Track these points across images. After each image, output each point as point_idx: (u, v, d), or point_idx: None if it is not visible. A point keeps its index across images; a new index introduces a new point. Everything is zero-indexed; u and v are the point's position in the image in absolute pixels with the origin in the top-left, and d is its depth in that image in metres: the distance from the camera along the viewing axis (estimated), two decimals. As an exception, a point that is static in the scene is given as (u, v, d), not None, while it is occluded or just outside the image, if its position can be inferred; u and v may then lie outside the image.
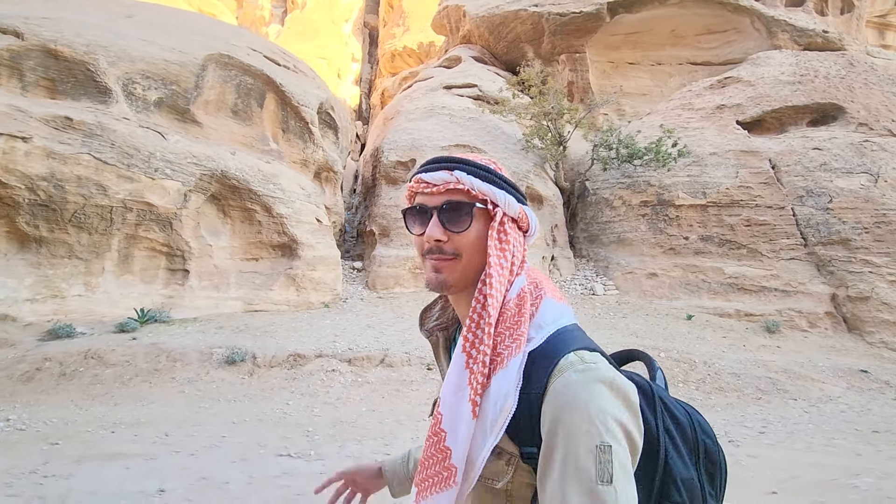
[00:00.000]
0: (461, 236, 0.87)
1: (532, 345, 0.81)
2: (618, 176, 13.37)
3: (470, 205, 0.87)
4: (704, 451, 0.89)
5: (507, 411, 0.77)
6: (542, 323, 0.83)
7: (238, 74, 11.01)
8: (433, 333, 1.02)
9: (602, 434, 0.71)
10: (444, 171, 0.89)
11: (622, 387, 0.75)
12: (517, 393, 0.78)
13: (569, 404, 0.73)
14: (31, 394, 5.73)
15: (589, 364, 0.76)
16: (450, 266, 0.87)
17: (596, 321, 9.97)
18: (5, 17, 8.37)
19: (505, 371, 0.79)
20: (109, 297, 8.59)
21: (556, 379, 0.76)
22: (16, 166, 7.48)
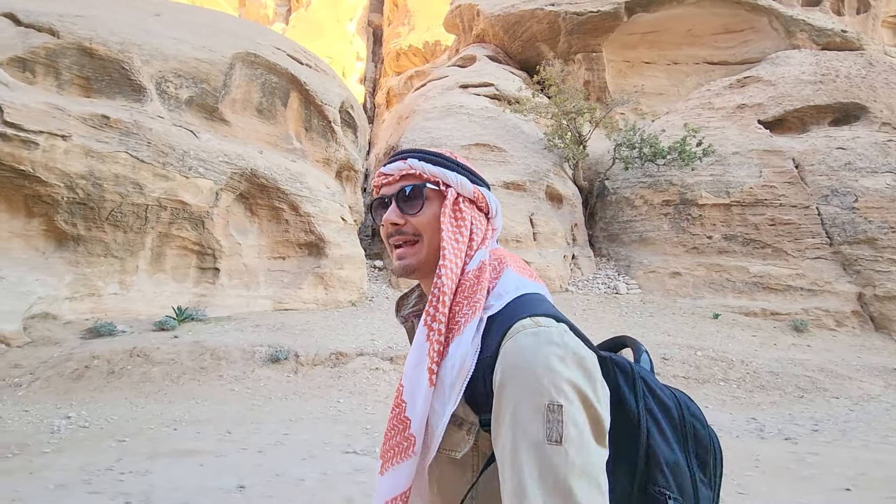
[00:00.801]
0: (417, 218, 0.90)
1: (490, 311, 0.81)
2: (638, 175, 13.40)
3: (421, 186, 0.91)
4: (693, 435, 0.83)
5: (464, 375, 0.76)
6: (502, 292, 0.84)
7: (264, 73, 11.01)
8: (408, 320, 1.02)
9: (551, 393, 0.67)
10: (399, 160, 0.94)
11: (577, 350, 0.72)
12: (475, 357, 0.77)
13: (517, 364, 0.71)
14: (84, 391, 5.74)
15: (542, 327, 0.73)
16: (413, 250, 0.90)
17: (624, 319, 10.00)
18: (41, 15, 8.37)
19: (461, 337, 0.79)
20: (144, 296, 8.61)
21: (508, 342, 0.74)
22: (55, 164, 7.49)
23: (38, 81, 8.04)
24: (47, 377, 5.88)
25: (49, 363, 6.13)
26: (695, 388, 6.73)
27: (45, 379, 5.84)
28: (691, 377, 7.03)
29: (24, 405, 5.29)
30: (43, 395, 5.61)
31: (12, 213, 7.63)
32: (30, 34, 8.14)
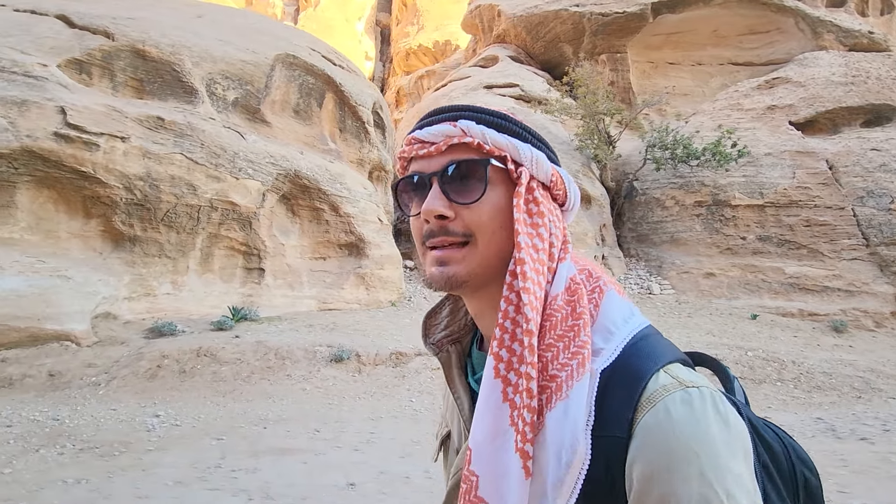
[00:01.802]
0: (473, 209, 0.62)
1: (602, 360, 0.57)
2: (669, 176, 13.46)
3: (483, 162, 0.63)
4: (805, 486, 0.65)
5: (578, 466, 0.53)
6: (610, 327, 0.59)
7: (301, 74, 11.08)
8: (442, 348, 0.75)
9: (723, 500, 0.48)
10: (446, 122, 0.65)
11: (737, 425, 0.53)
12: (588, 436, 0.54)
13: (672, 455, 0.50)
14: (161, 390, 5.83)
15: (691, 391, 0.53)
16: (460, 255, 0.62)
17: (664, 320, 10.07)
18: (94, 17, 8.46)
19: (565, 403, 0.55)
20: (194, 296, 8.69)
21: (646, 414, 0.52)
22: (115, 166, 7.57)
23: (95, 83, 8.13)
24: (123, 376, 5.96)
25: (121, 362, 6.22)
26: (753, 389, 6.80)
27: (121, 378, 5.93)
28: (747, 378, 7.11)
29: (109, 404, 5.38)
30: (122, 393, 5.70)
31: (70, 214, 7.72)
32: (85, 36, 8.22)
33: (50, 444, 4.35)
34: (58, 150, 7.18)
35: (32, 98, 7.16)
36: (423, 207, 0.62)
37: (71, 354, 6.26)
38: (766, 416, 5.79)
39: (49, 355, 6.15)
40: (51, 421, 4.84)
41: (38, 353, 6.15)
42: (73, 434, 4.57)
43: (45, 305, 6.42)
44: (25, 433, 4.54)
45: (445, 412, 0.81)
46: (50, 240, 7.49)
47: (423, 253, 0.65)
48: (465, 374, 0.73)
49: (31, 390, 5.61)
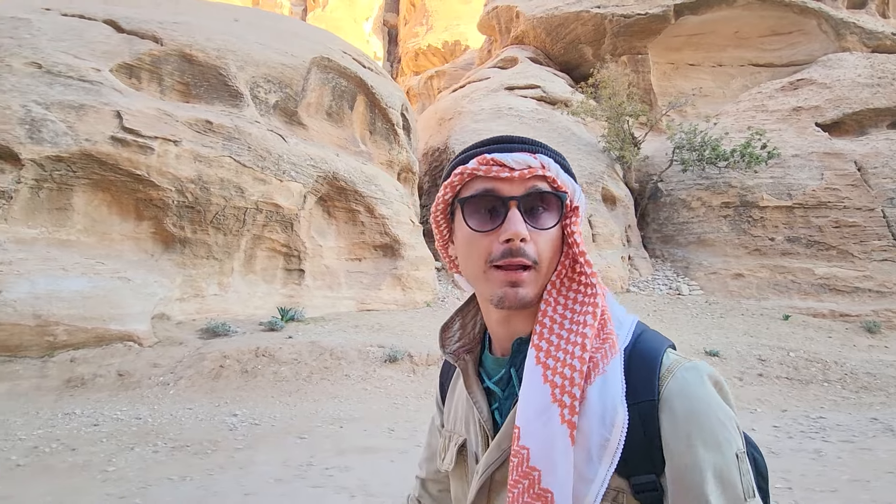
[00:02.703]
0: (543, 236, 0.70)
1: (621, 342, 0.68)
2: (694, 177, 13.55)
3: (559, 197, 0.71)
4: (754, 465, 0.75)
5: (620, 427, 0.62)
6: (619, 317, 0.72)
7: (335, 77, 11.19)
8: (460, 357, 0.84)
9: (736, 440, 0.62)
10: (526, 153, 0.71)
11: (725, 384, 0.67)
12: (625, 403, 0.64)
13: (697, 410, 0.62)
14: (228, 390, 5.95)
15: (690, 363, 0.66)
16: (530, 278, 0.70)
17: (699, 321, 10.17)
18: (142, 22, 8.58)
19: (603, 377, 0.64)
20: (239, 297, 8.81)
21: (670, 381, 0.64)
22: (168, 169, 7.69)
23: (144, 87, 8.25)
24: (189, 376, 6.08)
25: (184, 362, 6.34)
26: (801, 389, 6.90)
27: (187, 378, 6.05)
28: (794, 378, 7.20)
29: (183, 403, 5.50)
30: (191, 393, 5.82)
31: (123, 216, 7.85)
32: (133, 41, 8.34)
33: (141, 442, 4.47)
34: (114, 154, 7.31)
35: (89, 102, 7.29)
36: (511, 229, 0.67)
37: (135, 354, 6.38)
38: (820, 415, 5.90)
39: (115, 355, 6.27)
40: (134, 420, 4.96)
41: (104, 353, 6.27)
42: (160, 433, 4.69)
43: (109, 306, 6.54)
44: (114, 431, 4.67)
45: (454, 424, 0.87)
46: (104, 241, 7.62)
47: (485, 271, 0.70)
48: (480, 378, 0.81)
49: (104, 389, 5.73)
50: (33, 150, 6.81)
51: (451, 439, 0.86)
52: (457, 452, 0.83)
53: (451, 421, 0.89)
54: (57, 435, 4.53)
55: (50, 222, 7.20)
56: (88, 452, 4.22)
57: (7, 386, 5.54)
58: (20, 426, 4.68)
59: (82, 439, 4.46)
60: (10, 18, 8.01)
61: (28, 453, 4.14)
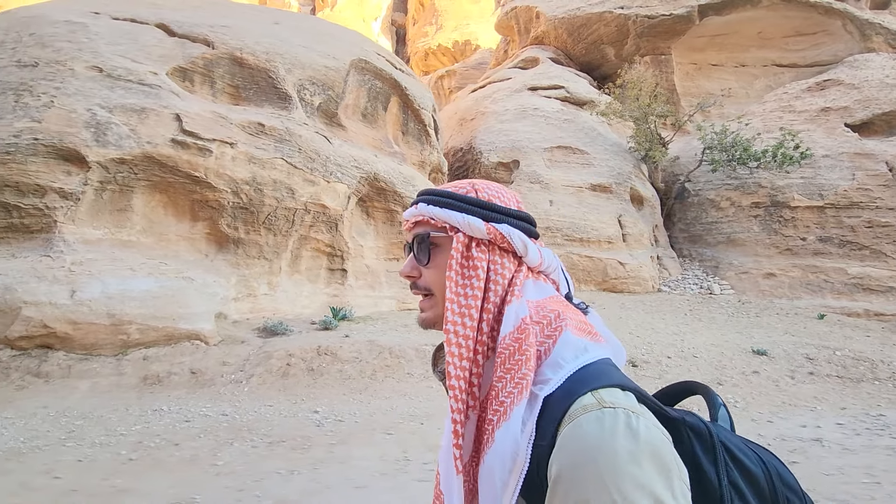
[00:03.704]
0: (428, 270, 0.82)
1: (548, 388, 0.67)
2: (723, 177, 13.63)
3: (425, 234, 0.82)
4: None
5: (518, 472, 0.64)
6: (560, 361, 0.69)
7: (370, 78, 11.32)
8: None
9: (615, 501, 0.56)
10: (414, 205, 0.85)
11: (650, 439, 0.60)
12: (529, 448, 0.64)
13: (576, 460, 0.59)
14: (299, 387, 6.08)
15: (608, 409, 0.61)
16: (429, 303, 0.82)
17: (735, 320, 10.26)
18: (193, 26, 8.71)
19: (508, 424, 0.66)
20: (287, 296, 8.95)
21: (566, 427, 0.62)
22: (225, 171, 7.82)
23: (197, 90, 8.38)
24: (259, 374, 6.21)
25: (252, 361, 6.47)
26: (854, 388, 7.00)
27: (258, 376, 6.18)
28: (844, 376, 7.30)
29: (262, 400, 5.63)
30: (265, 390, 5.95)
31: (178, 217, 7.99)
32: (186, 44, 8.48)
33: (237, 438, 4.60)
34: (174, 156, 7.45)
35: (150, 106, 7.43)
36: (401, 271, 0.85)
37: (202, 353, 6.52)
38: (880, 413, 6.00)
39: (184, 354, 6.41)
40: (221, 416, 5.10)
41: (173, 351, 6.41)
42: (251, 429, 4.82)
43: (177, 306, 6.68)
44: (208, 427, 4.80)
45: None
46: (162, 242, 7.76)
47: None
48: None
49: (180, 387, 5.87)
50: (99, 153, 6.95)
51: None
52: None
53: None
54: (155, 430, 4.66)
55: (112, 223, 7.35)
56: (191, 447, 4.35)
57: (88, 383, 5.68)
58: (116, 422, 4.82)
59: (180, 435, 4.60)
60: (65, 22, 8.15)
61: (135, 448, 4.27)
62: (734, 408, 6.10)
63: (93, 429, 4.64)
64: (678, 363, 7.36)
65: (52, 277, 6.23)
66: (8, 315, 5.96)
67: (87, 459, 4.01)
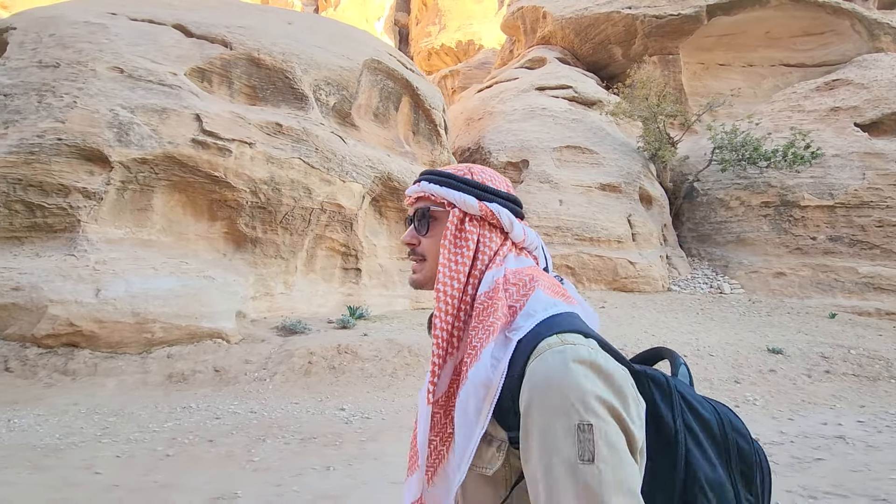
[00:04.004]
0: (426, 239, 0.94)
1: (520, 333, 0.78)
2: (732, 177, 13.67)
3: (425, 209, 0.95)
4: (737, 451, 0.81)
5: (490, 399, 0.76)
6: (531, 311, 0.80)
7: (383, 79, 11.36)
8: None
9: (581, 412, 0.66)
10: (416, 183, 0.98)
11: (605, 366, 0.70)
12: (501, 380, 0.76)
13: (544, 384, 0.69)
14: (321, 385, 6.13)
15: (569, 345, 0.72)
16: (420, 266, 0.95)
17: (747, 319, 10.30)
18: (210, 27, 8.76)
19: (478, 363, 0.77)
20: (303, 295, 9.00)
21: (533, 361, 0.73)
22: (244, 170, 7.88)
23: (215, 90, 8.44)
24: (282, 372, 6.27)
25: (273, 359, 6.53)
26: (871, 386, 7.04)
27: (281, 374, 6.24)
28: (860, 375, 7.34)
29: (287, 398, 5.68)
30: (288, 388, 6.01)
31: (197, 217, 8.04)
32: (204, 45, 8.53)
33: (269, 434, 4.65)
34: (195, 156, 7.50)
35: (171, 106, 7.49)
36: (402, 238, 0.99)
37: (225, 351, 6.57)
38: (899, 411, 6.03)
39: (207, 352, 6.47)
40: (249, 413, 5.15)
41: (196, 349, 6.47)
42: (281, 425, 4.87)
43: (199, 305, 6.74)
44: (239, 424, 4.85)
45: None
46: (181, 242, 7.81)
47: None
48: None
49: (206, 385, 5.93)
50: (121, 153, 7.01)
51: None
52: None
53: None
54: (187, 427, 4.72)
55: (133, 223, 7.41)
56: (225, 444, 4.41)
57: (115, 381, 5.74)
58: (147, 419, 4.88)
59: (213, 431, 4.65)
60: (84, 23, 8.21)
61: (170, 444, 4.33)
62: (754, 405, 6.15)
63: (125, 425, 4.69)
64: (694, 361, 7.41)
65: (77, 276, 6.29)
66: (34, 313, 6.02)
67: (124, 455, 4.07)
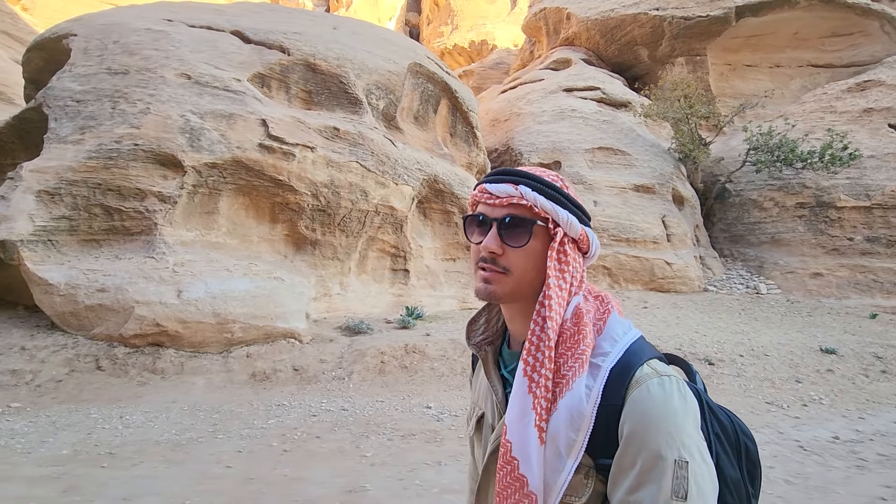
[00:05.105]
0: (516, 252, 0.86)
1: (610, 360, 0.81)
2: (765, 178, 13.76)
3: (531, 221, 0.87)
4: (746, 453, 0.89)
5: (585, 430, 0.77)
6: (615, 336, 0.83)
7: (423, 82, 11.52)
8: (481, 348, 1.00)
9: (679, 450, 0.71)
10: (510, 184, 0.88)
11: (692, 403, 0.78)
12: (594, 411, 0.78)
13: (647, 418, 0.74)
14: (398, 384, 6.30)
15: (664, 377, 0.78)
16: (499, 279, 0.87)
17: (789, 320, 10.40)
18: (268, 33, 8.95)
19: (571, 393, 0.79)
20: (357, 295, 9.18)
21: (633, 391, 0.77)
22: (306, 174, 8.06)
23: (274, 96, 8.62)
24: (358, 371, 6.44)
25: (346, 358, 6.70)
26: (930, 385, 7.15)
27: (357, 373, 6.41)
28: (918, 375, 7.45)
29: (370, 396, 5.85)
30: (367, 386, 6.18)
31: (258, 220, 8.23)
32: (263, 51, 8.71)
33: (368, 431, 4.82)
34: (261, 160, 7.69)
35: (237, 112, 7.67)
36: (484, 243, 0.87)
37: (299, 351, 6.76)
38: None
39: (282, 351, 6.65)
40: (341, 411, 5.33)
41: (272, 349, 6.65)
42: (376, 423, 5.04)
43: (273, 305, 6.92)
44: (336, 421, 5.03)
45: (477, 399, 1.05)
46: (245, 244, 8.01)
47: (475, 270, 0.89)
48: (498, 368, 0.97)
49: (288, 383, 6.11)
50: (194, 158, 7.20)
51: (474, 410, 1.05)
52: (476, 422, 1.02)
53: (475, 395, 1.07)
54: (290, 424, 4.90)
55: (202, 225, 7.60)
56: (332, 440, 4.58)
57: (203, 380, 5.93)
58: (248, 416, 5.06)
59: (315, 428, 4.83)
60: (147, 30, 8.41)
61: (283, 440, 4.50)
62: (821, 404, 6.27)
63: (231, 422, 4.88)
64: (752, 362, 7.53)
65: (159, 278, 6.49)
66: (120, 314, 6.22)
67: (245, 451, 4.25)
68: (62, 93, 7.42)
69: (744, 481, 0.87)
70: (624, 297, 11.60)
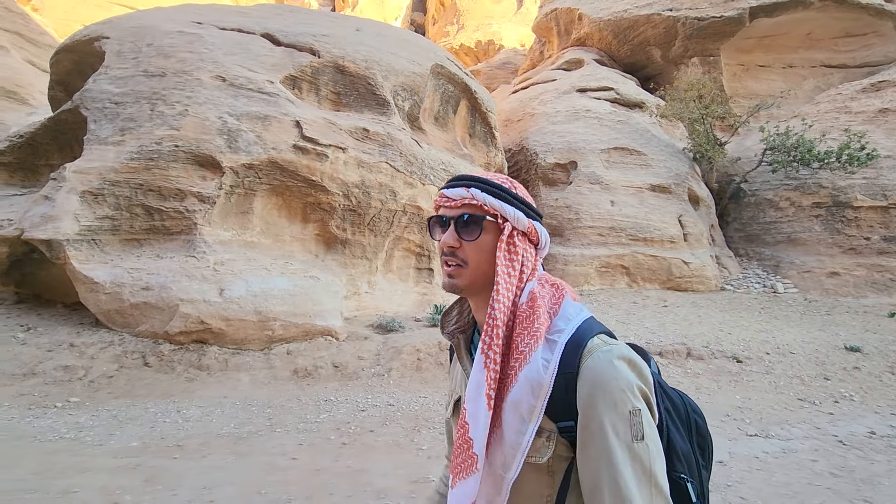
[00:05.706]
0: (471, 245, 0.98)
1: (565, 336, 0.91)
2: (780, 178, 13.85)
3: (482, 217, 0.98)
4: (696, 428, 1.02)
5: (543, 397, 0.88)
6: (569, 316, 0.94)
7: (444, 83, 11.64)
8: (454, 336, 1.12)
9: (632, 401, 0.84)
10: (463, 187, 1.00)
11: (638, 362, 0.89)
12: (552, 380, 0.88)
13: (601, 379, 0.85)
14: (436, 381, 6.42)
15: (611, 345, 0.89)
16: (460, 272, 0.99)
17: (808, 318, 10.50)
18: (298, 36, 9.08)
19: (529, 366, 0.89)
20: (384, 294, 9.31)
21: (587, 359, 0.88)
22: (338, 175, 8.19)
23: (304, 97, 8.75)
24: (396, 368, 6.57)
25: (383, 355, 6.83)
26: (955, 383, 7.25)
27: (396, 370, 6.54)
28: (942, 372, 7.55)
29: (412, 392, 5.98)
30: (407, 382, 6.31)
31: (290, 219, 8.37)
32: (294, 53, 8.84)
33: (418, 425, 4.95)
34: (295, 161, 7.82)
35: (272, 113, 7.81)
36: (443, 240, 1.00)
37: (336, 348, 6.89)
38: None
39: (320, 349, 6.78)
40: (387, 406, 5.45)
41: (311, 346, 6.78)
42: (425, 417, 5.17)
43: (311, 303, 7.06)
44: (384, 416, 5.15)
45: (454, 385, 1.15)
46: (278, 243, 8.14)
47: (442, 265, 1.02)
48: (470, 353, 1.09)
49: (330, 380, 6.24)
50: (231, 159, 7.33)
51: (451, 395, 1.16)
52: (453, 405, 1.13)
53: (453, 383, 1.17)
54: (341, 419, 5.03)
55: (237, 225, 7.74)
56: (386, 433, 4.71)
57: (248, 376, 6.06)
58: (299, 411, 5.19)
59: (367, 422, 4.96)
60: (179, 33, 8.55)
61: (339, 434, 4.63)
62: (852, 401, 6.39)
63: (285, 417, 5.01)
64: (779, 359, 7.64)
65: (201, 276, 6.63)
66: (165, 312, 6.36)
67: (305, 444, 4.38)
68: (100, 95, 7.56)
69: (694, 453, 1.00)
70: (643, 296, 11.71)
